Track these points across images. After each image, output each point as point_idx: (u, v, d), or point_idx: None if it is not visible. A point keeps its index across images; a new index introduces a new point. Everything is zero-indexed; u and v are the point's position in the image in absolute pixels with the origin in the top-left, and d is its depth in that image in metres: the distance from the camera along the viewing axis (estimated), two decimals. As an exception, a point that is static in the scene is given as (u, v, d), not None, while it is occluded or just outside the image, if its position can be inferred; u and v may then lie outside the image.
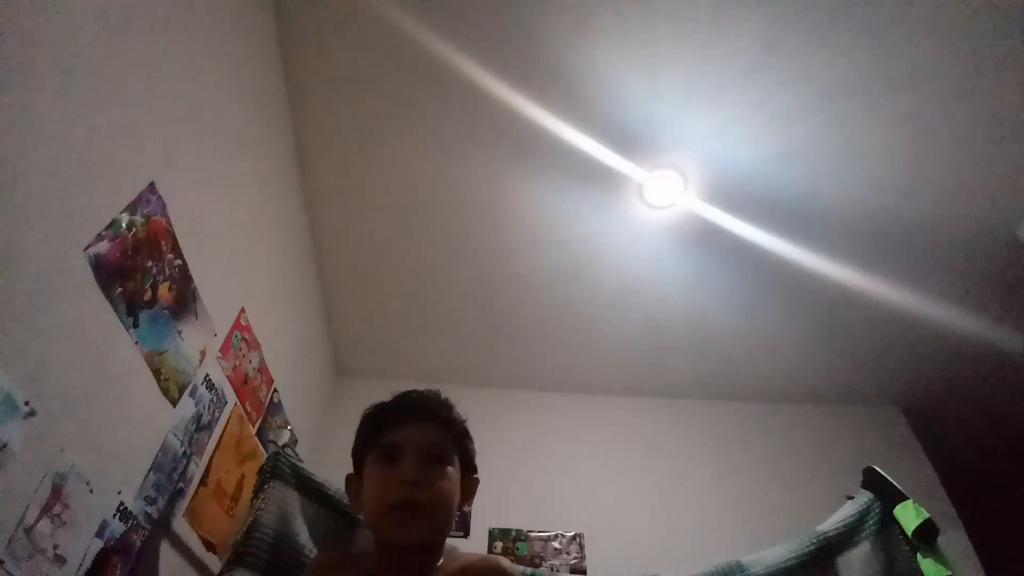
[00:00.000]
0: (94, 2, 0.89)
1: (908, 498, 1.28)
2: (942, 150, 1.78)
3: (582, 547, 2.13)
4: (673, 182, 1.89)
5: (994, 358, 2.37)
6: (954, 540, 2.07)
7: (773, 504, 2.25)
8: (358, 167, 1.90)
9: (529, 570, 1.33)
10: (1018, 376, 2.42)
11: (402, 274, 2.20)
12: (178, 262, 1.16)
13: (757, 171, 1.86)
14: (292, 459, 1.30)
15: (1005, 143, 1.75)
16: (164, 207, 1.10)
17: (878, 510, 1.30)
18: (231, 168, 1.42)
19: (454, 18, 1.56)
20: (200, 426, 1.29)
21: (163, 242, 1.11)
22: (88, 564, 0.91)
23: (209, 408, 1.33)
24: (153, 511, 1.10)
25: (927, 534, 1.23)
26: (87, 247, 0.89)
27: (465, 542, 2.06)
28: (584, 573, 2.06)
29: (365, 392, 0.99)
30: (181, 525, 1.21)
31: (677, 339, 2.40)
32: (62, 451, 0.85)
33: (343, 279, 2.23)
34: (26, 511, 0.78)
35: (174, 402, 1.17)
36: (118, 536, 0.99)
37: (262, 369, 1.66)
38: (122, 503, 1.00)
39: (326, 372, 2.48)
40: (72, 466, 0.87)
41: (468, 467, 0.92)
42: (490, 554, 0.97)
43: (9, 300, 0.76)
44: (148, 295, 1.06)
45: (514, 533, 2.13)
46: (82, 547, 0.90)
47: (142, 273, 1.04)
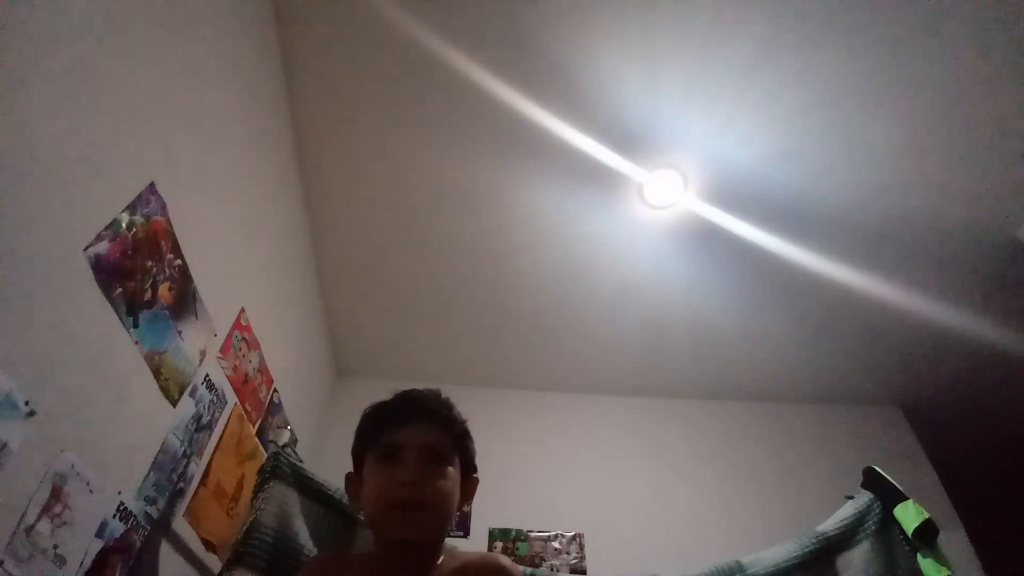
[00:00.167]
0: (94, 2, 0.89)
1: (908, 498, 1.28)
2: (942, 150, 1.78)
3: (582, 547, 2.13)
4: (673, 182, 1.90)
5: (994, 358, 2.38)
6: (954, 540, 2.07)
7: (773, 504, 2.25)
8: (358, 167, 1.90)
9: (529, 570, 1.33)
10: (1018, 376, 2.42)
11: (402, 274, 2.21)
12: (178, 262, 1.16)
13: (757, 171, 1.86)
14: (292, 459, 1.30)
15: (1005, 143, 1.75)
16: (164, 207, 1.10)
17: (878, 510, 1.30)
18: (231, 168, 1.42)
19: (455, 18, 1.57)
20: (200, 426, 1.29)
21: (163, 242, 1.11)
22: (88, 564, 0.91)
23: (209, 408, 1.33)
24: (153, 511, 1.10)
25: (927, 534, 1.23)
26: (87, 247, 0.89)
27: (465, 542, 2.06)
28: (584, 573, 2.06)
29: (365, 392, 0.99)
30: (181, 525, 1.21)
31: (677, 339, 2.40)
32: (62, 451, 0.85)
33: (343, 279, 2.23)
34: (26, 511, 0.78)
35: (174, 402, 1.17)
36: (118, 536, 0.99)
37: (262, 369, 1.66)
38: (122, 503, 1.00)
39: (326, 372, 2.48)
40: (72, 466, 0.87)
41: (468, 467, 0.93)
42: (487, 552, 0.97)
43: (9, 300, 0.76)
44: (148, 295, 1.06)
45: (514, 533, 2.13)
46: (82, 547, 0.90)
47: (142, 273, 1.04)
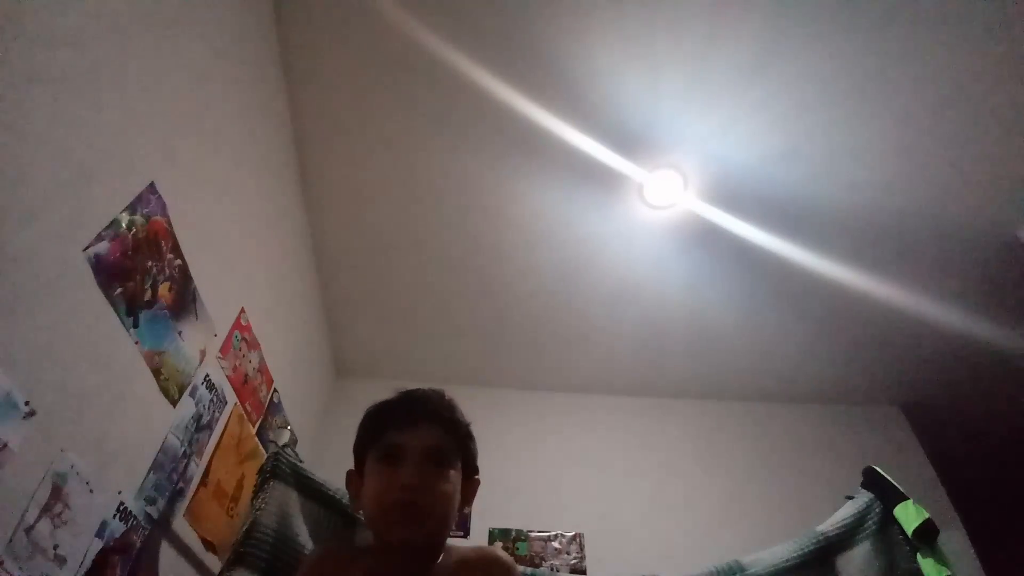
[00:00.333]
0: (95, 2, 0.89)
1: (908, 498, 1.28)
2: (942, 150, 1.78)
3: (582, 547, 2.13)
4: (673, 182, 1.89)
5: (994, 358, 2.37)
6: (954, 540, 2.07)
7: (773, 504, 2.25)
8: (358, 167, 1.90)
9: (529, 570, 1.33)
10: (1018, 376, 2.42)
11: (402, 274, 2.21)
12: (178, 262, 1.16)
13: (757, 171, 1.86)
14: (292, 459, 1.29)
15: (1005, 143, 1.75)
16: (164, 207, 1.10)
17: (878, 510, 1.30)
18: (231, 168, 1.42)
19: (455, 18, 1.57)
20: (200, 426, 1.29)
21: (163, 242, 1.11)
22: (88, 564, 0.91)
23: (209, 408, 1.33)
24: (153, 511, 1.10)
25: (927, 534, 1.23)
26: (87, 247, 0.89)
27: (465, 542, 2.06)
28: (584, 573, 2.06)
29: (365, 392, 0.98)
30: (181, 525, 1.21)
31: (677, 339, 2.40)
32: (62, 451, 0.85)
33: (343, 279, 2.23)
34: (26, 511, 0.78)
35: (174, 402, 1.17)
36: (118, 536, 0.99)
37: (262, 369, 1.66)
38: (122, 503, 1.00)
39: (326, 372, 2.48)
40: (72, 466, 0.87)
41: (470, 469, 0.92)
42: (485, 545, 0.97)
43: (9, 300, 0.76)
44: (148, 295, 1.06)
45: (514, 533, 2.13)
46: (82, 547, 0.90)
47: (142, 273, 1.04)
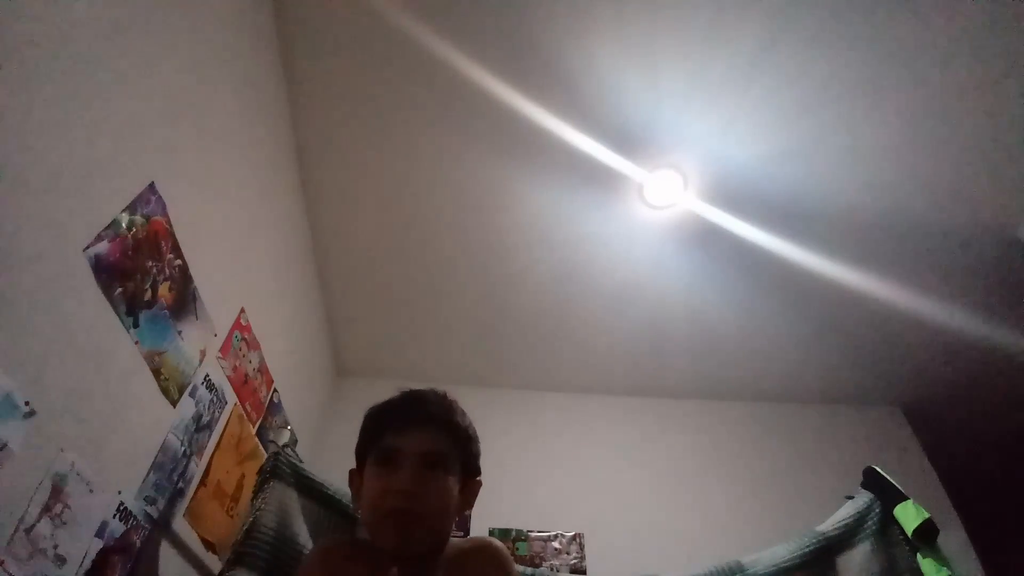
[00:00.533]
0: (96, 2, 0.89)
1: (908, 498, 1.29)
2: (942, 150, 1.78)
3: (582, 547, 2.13)
4: (673, 182, 1.89)
5: (994, 358, 2.37)
6: (954, 540, 2.07)
7: (773, 504, 2.25)
8: (358, 167, 1.90)
9: (529, 570, 1.33)
10: (1018, 376, 2.42)
11: (402, 274, 2.20)
12: (178, 262, 1.16)
13: (757, 171, 1.86)
14: (292, 459, 1.30)
15: (1005, 143, 1.75)
16: (164, 207, 1.10)
17: (878, 510, 1.30)
18: (231, 168, 1.42)
19: (455, 18, 1.56)
20: (200, 426, 1.29)
21: (163, 242, 1.11)
22: (88, 564, 0.91)
23: (209, 408, 1.33)
24: (153, 511, 1.10)
25: (927, 534, 1.23)
26: (87, 247, 0.89)
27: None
28: (584, 573, 2.06)
29: (365, 392, 0.99)
30: (181, 525, 1.21)
31: (677, 339, 2.39)
32: (62, 451, 0.85)
33: (343, 279, 2.23)
34: (26, 511, 0.78)
35: (174, 402, 1.17)
36: (118, 536, 0.99)
37: (262, 369, 1.66)
38: (122, 503, 1.00)
39: (326, 372, 2.48)
40: (72, 466, 0.87)
41: (470, 470, 0.90)
42: (480, 536, 0.96)
43: (9, 300, 0.76)
44: (148, 295, 1.06)
45: (514, 533, 2.13)
46: (82, 547, 0.90)
47: (142, 273, 1.04)
